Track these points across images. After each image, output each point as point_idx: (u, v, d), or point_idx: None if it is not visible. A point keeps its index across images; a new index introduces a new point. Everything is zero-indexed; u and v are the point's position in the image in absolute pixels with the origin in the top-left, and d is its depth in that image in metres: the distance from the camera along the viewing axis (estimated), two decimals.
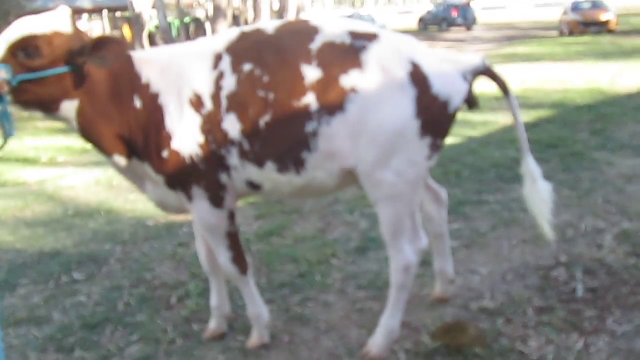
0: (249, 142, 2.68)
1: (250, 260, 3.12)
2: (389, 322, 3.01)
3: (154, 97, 2.72)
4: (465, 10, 33.40)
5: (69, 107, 2.63)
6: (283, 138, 2.67)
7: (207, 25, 26.23)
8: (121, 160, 2.82)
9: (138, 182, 3.03)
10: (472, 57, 2.89)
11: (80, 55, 2.51)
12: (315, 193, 2.98)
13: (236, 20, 27.57)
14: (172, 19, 29.37)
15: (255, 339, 3.21)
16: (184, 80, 2.71)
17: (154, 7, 23.45)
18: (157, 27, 25.57)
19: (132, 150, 2.80)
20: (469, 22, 33.40)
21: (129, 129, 2.73)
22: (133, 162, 2.85)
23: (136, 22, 22.99)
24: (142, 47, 22.16)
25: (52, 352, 3.34)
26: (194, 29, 30.48)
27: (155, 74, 2.74)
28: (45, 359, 3.29)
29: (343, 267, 4.10)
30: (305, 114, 2.62)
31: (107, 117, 2.69)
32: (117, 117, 2.71)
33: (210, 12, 23.83)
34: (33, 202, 6.37)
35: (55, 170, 7.87)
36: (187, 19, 31.77)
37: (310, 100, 2.61)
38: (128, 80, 2.71)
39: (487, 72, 2.88)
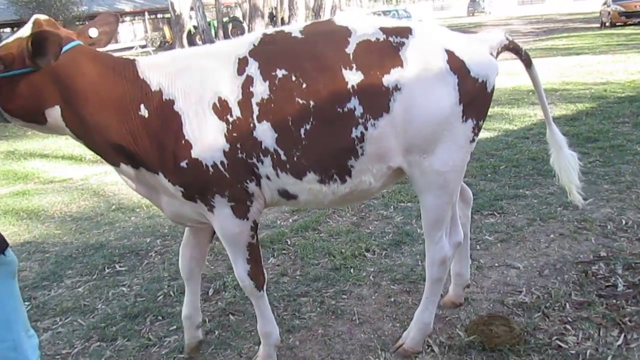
0: (285, 152, 2.53)
1: (266, 276, 2.94)
2: (423, 315, 3.01)
3: (168, 104, 2.51)
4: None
5: (54, 115, 2.46)
6: (327, 146, 2.55)
7: (245, 25, 26.53)
8: (129, 170, 2.64)
9: (151, 195, 2.82)
10: (495, 33, 2.93)
11: (29, 55, 2.30)
12: (357, 198, 2.84)
13: (272, 19, 27.83)
14: (211, 19, 29.80)
15: (261, 357, 3.04)
16: (205, 85, 2.53)
17: (192, 9, 23.85)
18: (195, 27, 26.02)
19: (137, 161, 2.59)
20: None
21: (132, 138, 2.52)
22: (143, 173, 2.64)
23: (176, 23, 23.45)
24: (182, 47, 22.62)
25: (96, 340, 3.48)
26: (232, 28, 30.89)
27: (169, 80, 2.55)
28: (89, 347, 3.42)
29: (377, 261, 4.12)
30: (350, 119, 2.52)
31: (101, 125, 2.49)
32: (115, 125, 2.50)
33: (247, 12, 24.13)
34: (78, 198, 6.61)
35: (99, 167, 8.10)
36: (225, 19, 32.21)
37: (354, 104, 2.51)
38: (129, 88, 2.52)
39: (510, 45, 2.93)
